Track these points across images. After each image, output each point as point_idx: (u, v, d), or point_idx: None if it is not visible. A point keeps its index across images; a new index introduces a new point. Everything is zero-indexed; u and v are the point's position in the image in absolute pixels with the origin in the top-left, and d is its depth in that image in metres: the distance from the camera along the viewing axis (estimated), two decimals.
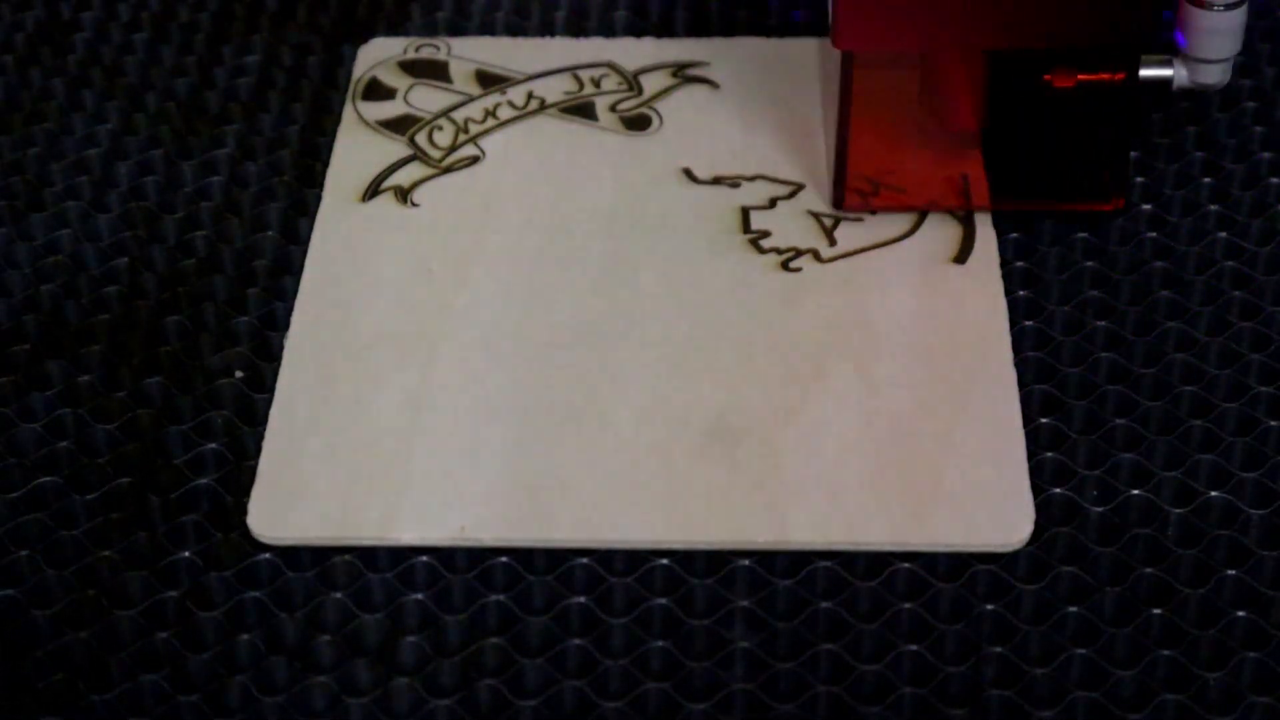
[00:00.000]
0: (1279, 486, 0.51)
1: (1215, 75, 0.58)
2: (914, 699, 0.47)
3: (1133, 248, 0.58)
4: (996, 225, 0.59)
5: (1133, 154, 0.61)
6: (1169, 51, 0.58)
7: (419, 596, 0.49)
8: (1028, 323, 0.56)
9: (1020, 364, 0.54)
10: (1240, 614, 0.48)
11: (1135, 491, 0.51)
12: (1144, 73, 0.58)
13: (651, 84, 0.64)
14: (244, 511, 0.51)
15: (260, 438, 0.53)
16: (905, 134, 0.58)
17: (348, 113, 0.64)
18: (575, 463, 0.52)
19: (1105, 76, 0.56)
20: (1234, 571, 0.49)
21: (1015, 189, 0.58)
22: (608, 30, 0.67)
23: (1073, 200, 0.58)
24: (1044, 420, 0.53)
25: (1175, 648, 0.48)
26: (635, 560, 0.50)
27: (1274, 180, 0.60)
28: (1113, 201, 0.58)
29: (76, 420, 0.54)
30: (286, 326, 0.56)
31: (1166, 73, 0.58)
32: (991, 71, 0.56)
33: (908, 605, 0.49)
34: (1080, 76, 0.56)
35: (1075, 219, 0.59)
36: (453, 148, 0.62)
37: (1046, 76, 0.56)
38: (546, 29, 0.67)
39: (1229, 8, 0.56)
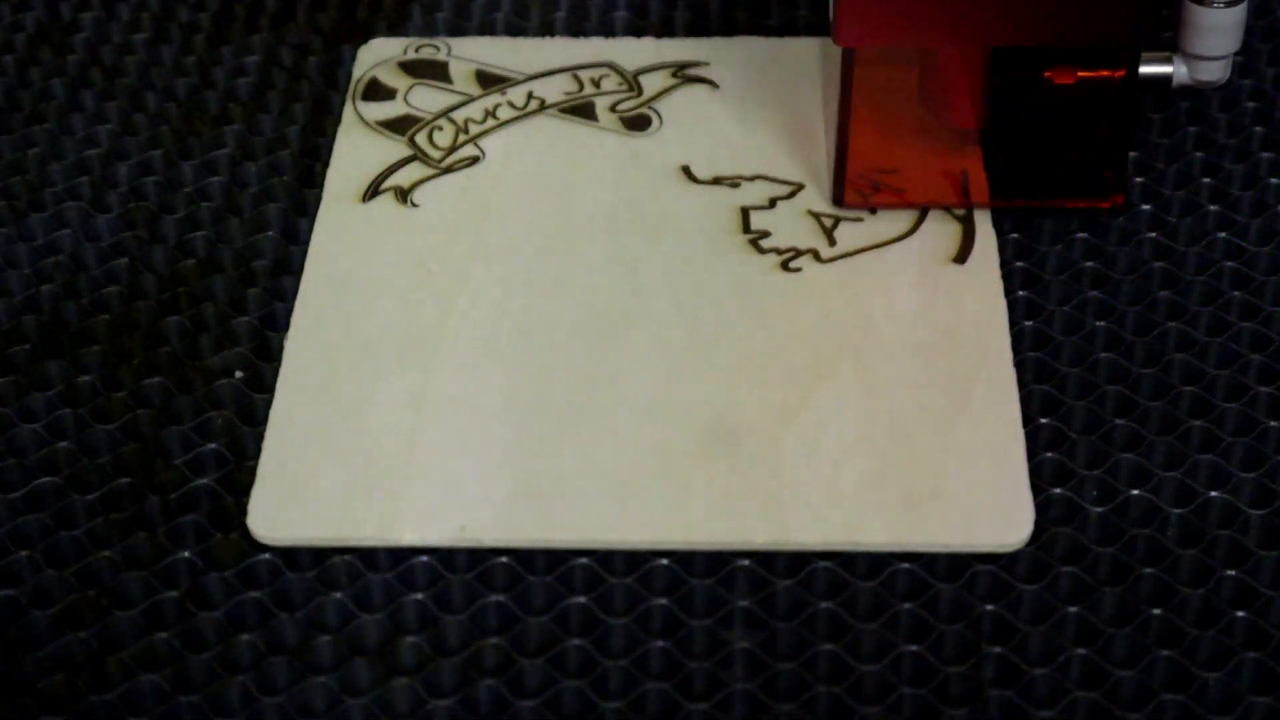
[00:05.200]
0: (1279, 486, 0.51)
1: (1215, 72, 0.59)
2: (914, 699, 0.47)
3: (1133, 248, 0.58)
4: (996, 225, 0.59)
5: (1132, 154, 0.61)
6: (1168, 49, 0.59)
7: (419, 597, 0.49)
8: (1028, 323, 0.56)
9: (1020, 364, 0.54)
10: (1240, 614, 0.48)
11: (1135, 491, 0.51)
12: (1144, 70, 0.58)
13: (651, 84, 0.64)
14: (244, 512, 0.51)
15: (260, 438, 0.53)
16: (905, 131, 0.58)
17: (348, 113, 0.64)
18: (575, 463, 0.52)
19: (1105, 74, 0.56)
20: (1234, 571, 0.49)
21: (1015, 186, 0.59)
22: (608, 30, 0.67)
23: (1072, 197, 0.58)
24: (1044, 420, 0.53)
25: (1175, 648, 0.48)
26: (635, 560, 0.50)
27: (1274, 180, 0.60)
28: (1111, 199, 0.58)
29: (76, 421, 0.54)
30: (286, 326, 0.56)
31: (1166, 69, 0.58)
32: (992, 68, 0.56)
33: (907, 605, 0.49)
34: (1080, 74, 0.56)
35: (1075, 217, 0.59)
36: (453, 148, 0.62)
37: (1046, 73, 0.56)
38: (546, 29, 0.67)
39: (1229, 5, 0.57)
